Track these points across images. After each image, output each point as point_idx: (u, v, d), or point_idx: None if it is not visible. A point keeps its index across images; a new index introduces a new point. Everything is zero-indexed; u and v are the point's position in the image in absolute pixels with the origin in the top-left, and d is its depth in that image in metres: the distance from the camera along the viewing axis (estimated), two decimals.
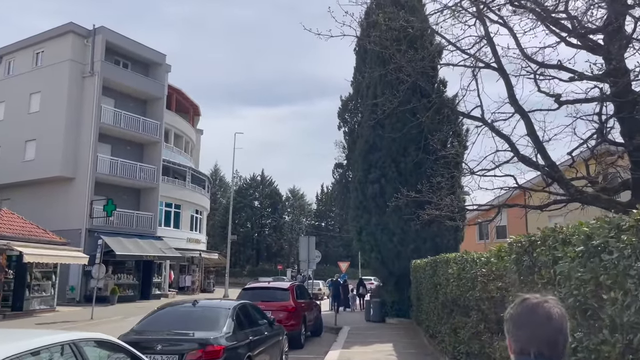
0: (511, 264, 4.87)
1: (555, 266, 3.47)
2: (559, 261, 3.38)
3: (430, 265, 10.64)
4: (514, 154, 13.23)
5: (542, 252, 3.80)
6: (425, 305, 12.02)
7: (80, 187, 31.93)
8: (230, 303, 8.75)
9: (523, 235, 4.56)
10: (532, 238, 4.23)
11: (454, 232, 18.76)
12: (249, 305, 9.43)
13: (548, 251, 3.64)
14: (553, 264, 3.55)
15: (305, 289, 15.92)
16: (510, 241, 4.87)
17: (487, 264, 6.19)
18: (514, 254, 4.68)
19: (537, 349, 1.62)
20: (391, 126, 19.03)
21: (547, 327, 1.64)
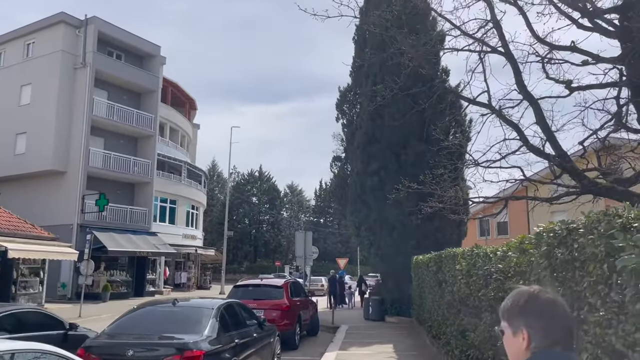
0: (539, 258, 4.04)
1: (611, 259, 2.63)
2: (617, 253, 2.55)
3: (435, 261, 9.83)
4: (522, 143, 12.40)
5: (589, 242, 2.96)
6: (428, 304, 11.22)
7: (72, 181, 31.09)
8: (214, 302, 7.93)
9: (556, 223, 3.73)
10: (572, 225, 3.40)
11: (457, 227, 17.95)
12: (236, 304, 8.61)
13: (599, 240, 2.81)
14: (607, 257, 2.72)
15: (301, 286, 15.12)
16: (538, 231, 4.04)
17: (504, 259, 5.36)
18: (545, 245, 3.86)
19: (565, 341, 1.60)
20: (391, 116, 18.20)
21: (569, 318, 1.65)
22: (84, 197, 30.67)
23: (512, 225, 39.08)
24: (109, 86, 34.18)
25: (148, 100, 36.29)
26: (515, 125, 12.30)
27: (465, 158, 16.40)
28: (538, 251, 4.12)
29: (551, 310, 1.62)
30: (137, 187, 35.50)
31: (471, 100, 12.62)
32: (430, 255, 10.76)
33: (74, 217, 30.44)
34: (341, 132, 24.31)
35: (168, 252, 34.48)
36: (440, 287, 9.36)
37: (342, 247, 69.76)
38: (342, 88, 24.32)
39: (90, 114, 31.43)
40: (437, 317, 9.95)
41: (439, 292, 9.57)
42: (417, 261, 13.55)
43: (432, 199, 13.24)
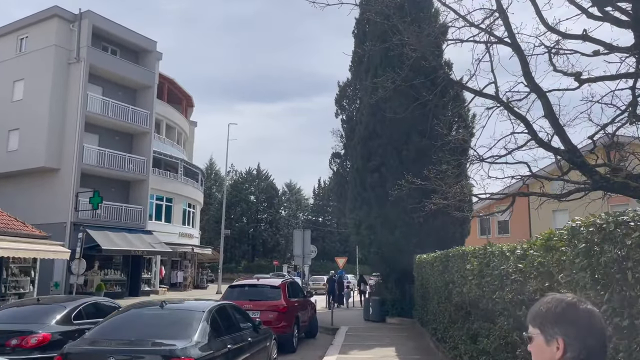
0: (574, 257, 3.49)
1: None
2: None
3: (440, 260, 9.27)
4: (531, 137, 11.85)
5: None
6: (433, 306, 10.67)
7: (65, 178, 30.48)
8: (205, 304, 7.37)
9: (598, 215, 3.18)
10: (622, 218, 2.85)
11: (460, 225, 17.41)
12: (230, 306, 8.04)
13: None
14: None
15: (299, 286, 14.56)
16: (574, 225, 3.48)
17: (524, 257, 4.81)
18: (583, 242, 3.31)
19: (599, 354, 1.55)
20: (392, 110, 17.64)
21: (605, 330, 1.59)
22: (77, 194, 30.07)
23: (513, 225, 38.57)
24: (104, 82, 33.58)
25: (144, 97, 35.68)
26: (523, 118, 11.75)
27: (469, 154, 15.87)
28: (572, 249, 3.56)
29: (589, 321, 1.56)
30: (133, 185, 34.90)
31: (477, 92, 12.07)
32: (435, 254, 10.21)
33: (67, 216, 29.85)
34: (340, 128, 23.80)
35: (164, 250, 33.89)
36: (446, 287, 8.81)
37: (341, 246, 69.23)
38: (342, 83, 23.79)
39: (84, 110, 30.82)
40: (443, 319, 9.40)
41: (445, 293, 9.02)
42: (421, 260, 13.00)
43: (435, 195, 12.69)
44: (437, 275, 9.56)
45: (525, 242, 4.91)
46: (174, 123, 44.02)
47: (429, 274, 11.05)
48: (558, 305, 1.60)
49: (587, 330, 1.55)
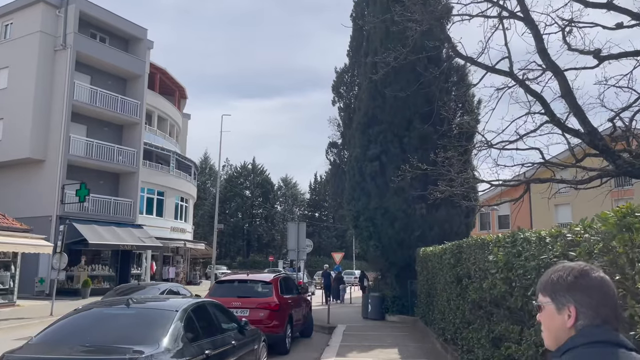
0: None
1: None
2: None
3: (452, 252, 8.19)
4: (547, 118, 10.79)
5: None
6: (441, 303, 9.61)
7: (51, 170, 29.29)
8: (180, 303, 6.26)
9: None
10: None
11: (465, 217, 16.36)
12: (210, 305, 6.94)
13: None
14: None
15: (294, 281, 13.47)
16: None
17: (578, 244, 3.73)
18: None
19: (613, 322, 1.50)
20: (394, 93, 16.55)
21: (616, 298, 1.55)
22: (63, 187, 28.88)
23: (513, 219, 37.62)
24: (92, 70, 32.36)
25: (134, 86, 34.47)
26: (539, 97, 10.69)
27: (476, 140, 14.79)
28: None
29: (602, 289, 1.51)
30: (122, 177, 33.72)
31: (490, 68, 10.98)
32: (445, 245, 9.13)
33: (53, 209, 28.66)
34: (338, 116, 22.69)
35: (154, 245, 32.75)
36: (459, 283, 7.74)
37: (338, 241, 68.24)
38: (339, 69, 22.67)
39: (70, 99, 29.59)
40: (454, 319, 8.33)
41: (457, 290, 7.95)
42: (425, 253, 11.93)
43: (442, 182, 11.62)
44: (448, 269, 8.48)
45: (580, 222, 3.83)
46: (166, 114, 42.79)
47: (436, 268, 9.97)
48: (570, 274, 1.55)
49: (600, 298, 1.50)
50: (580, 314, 1.50)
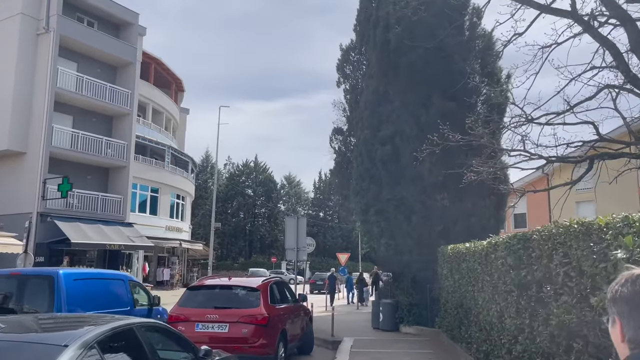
0: None
1: None
2: None
3: (510, 248, 5.68)
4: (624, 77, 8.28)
5: None
6: (485, 319, 7.09)
7: (32, 163, 26.95)
8: (81, 331, 3.77)
9: None
10: None
11: (495, 209, 13.82)
12: (142, 328, 4.40)
13: None
14: None
15: (288, 286, 10.97)
16: None
17: None
18: None
19: None
20: (409, 66, 14.05)
21: None
22: (45, 181, 26.51)
23: (530, 217, 34.97)
24: (79, 57, 30.00)
25: (124, 74, 32.09)
26: (610, 45, 8.19)
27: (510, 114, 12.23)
28: None
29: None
30: (112, 172, 31.33)
31: (545, 7, 8.44)
32: (495, 238, 6.61)
33: (33, 205, 26.31)
34: (343, 99, 20.19)
35: (145, 245, 30.32)
36: (525, 291, 5.23)
37: (343, 242, 65.70)
38: (344, 46, 20.17)
39: (53, 86, 27.23)
40: (512, 343, 5.80)
41: (519, 303, 5.43)
42: (456, 252, 9.40)
43: (478, 159, 9.11)
44: (502, 273, 5.97)
45: None
46: (161, 107, 40.49)
47: (477, 272, 7.46)
48: (618, 282, 1.40)
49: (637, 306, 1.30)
50: (624, 327, 1.33)
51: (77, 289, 8.35)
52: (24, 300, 8.58)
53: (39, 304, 8.42)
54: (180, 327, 8.49)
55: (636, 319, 1.30)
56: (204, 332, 8.34)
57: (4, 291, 8.45)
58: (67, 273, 8.81)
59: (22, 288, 8.70)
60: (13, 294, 8.47)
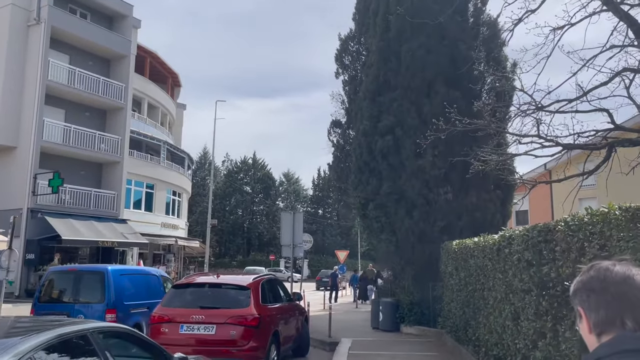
0: None
1: None
2: None
3: (528, 241, 5.01)
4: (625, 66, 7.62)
5: None
6: (496, 320, 6.42)
7: (23, 158, 26.30)
8: (15, 340, 3.10)
9: None
10: None
11: (501, 204, 13.15)
12: (98, 333, 3.71)
13: None
14: None
15: (282, 285, 10.29)
16: None
17: None
18: None
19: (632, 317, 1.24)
20: (410, 53, 13.38)
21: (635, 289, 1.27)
22: (36, 176, 25.86)
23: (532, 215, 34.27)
24: (71, 49, 29.31)
25: (118, 68, 31.39)
26: (633, 21, 7.52)
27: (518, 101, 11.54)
28: None
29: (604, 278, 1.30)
30: (105, 168, 30.66)
31: None
32: (508, 231, 5.93)
33: (24, 201, 25.64)
34: (341, 91, 19.51)
35: (139, 242, 29.64)
36: (546, 291, 4.56)
37: (342, 239, 65.02)
38: (343, 36, 19.48)
39: (44, 79, 26.54)
40: (529, 349, 5.13)
41: (543, 302, 4.76)
42: (462, 247, 8.73)
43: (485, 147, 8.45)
44: (519, 270, 5.30)
45: None
46: (157, 102, 39.76)
47: (487, 269, 6.79)
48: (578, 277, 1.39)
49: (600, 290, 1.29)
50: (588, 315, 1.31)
51: (122, 282, 9.48)
52: (80, 293, 10.04)
53: (92, 295, 9.91)
54: (163, 328, 7.84)
55: (594, 301, 1.29)
56: (189, 334, 7.68)
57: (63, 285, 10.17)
58: (114, 269, 10.28)
59: (77, 282, 10.13)
60: (71, 287, 10.07)
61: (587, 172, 8.66)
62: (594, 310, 1.29)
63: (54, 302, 9.93)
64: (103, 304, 9.38)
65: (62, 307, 9.64)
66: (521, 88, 10.65)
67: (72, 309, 9.58)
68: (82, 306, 9.66)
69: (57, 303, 9.86)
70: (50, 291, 10.17)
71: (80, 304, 9.73)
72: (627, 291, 1.26)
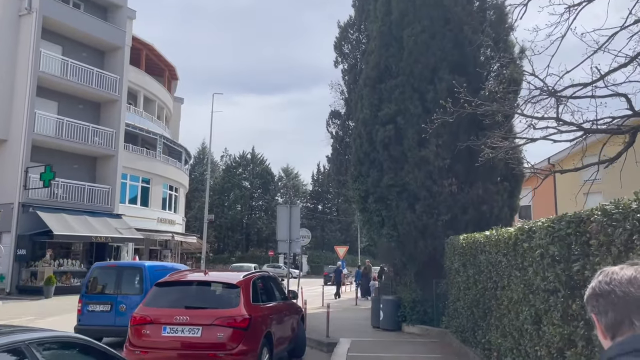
0: None
1: None
2: None
3: (550, 234, 4.33)
4: None
5: None
6: (511, 322, 5.76)
7: (14, 151, 25.63)
8: None
9: None
10: None
11: (508, 196, 12.48)
12: (37, 345, 3.00)
13: None
14: None
15: (277, 282, 9.62)
16: None
17: None
18: None
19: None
20: (413, 38, 12.68)
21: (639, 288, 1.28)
22: (27, 170, 25.19)
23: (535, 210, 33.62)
24: (64, 40, 28.59)
25: (113, 59, 30.67)
26: None
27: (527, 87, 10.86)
28: None
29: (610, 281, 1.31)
30: (100, 161, 29.98)
31: None
32: (529, 224, 5.26)
33: (15, 195, 24.98)
34: (341, 80, 18.82)
35: (133, 237, 28.99)
36: (577, 291, 3.89)
37: (342, 235, 64.43)
38: (343, 23, 18.77)
39: (36, 70, 25.84)
40: (569, 357, 4.45)
41: (573, 305, 4.08)
42: (471, 242, 8.04)
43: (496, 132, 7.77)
44: (540, 267, 4.63)
45: None
46: (153, 95, 39.03)
47: (502, 265, 6.12)
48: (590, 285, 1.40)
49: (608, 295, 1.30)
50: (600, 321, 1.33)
51: (157, 277, 9.82)
52: (121, 286, 11.23)
53: (132, 287, 11.16)
54: (144, 330, 7.19)
55: (603, 305, 1.30)
56: (172, 336, 7.02)
57: (106, 279, 11.56)
58: (150, 265, 11.74)
59: (119, 276, 11.40)
60: (113, 281, 11.33)
61: (604, 160, 7.97)
62: (604, 314, 1.31)
63: (99, 293, 11.30)
64: (141, 295, 10.19)
65: (107, 298, 11.10)
66: (532, 72, 9.96)
67: (115, 299, 10.98)
68: (123, 297, 10.96)
69: (102, 294, 11.21)
70: (96, 284, 11.54)
71: (122, 295, 11.00)
72: (633, 292, 1.27)
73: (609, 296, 1.29)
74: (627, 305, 1.26)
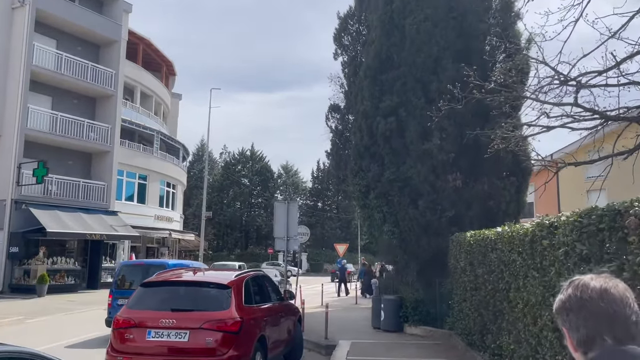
0: None
1: None
2: None
3: (578, 229, 3.80)
4: None
5: None
6: (521, 325, 5.24)
7: (7, 147, 25.05)
8: None
9: None
10: None
11: (516, 191, 11.95)
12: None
13: None
14: None
15: (271, 282, 9.10)
16: None
17: None
18: None
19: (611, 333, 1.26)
20: (415, 26, 12.13)
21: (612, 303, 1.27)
22: (20, 166, 24.65)
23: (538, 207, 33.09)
24: (58, 33, 28.02)
25: (108, 53, 30.10)
26: None
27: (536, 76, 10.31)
28: None
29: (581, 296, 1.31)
30: (95, 158, 29.44)
31: None
32: (549, 218, 4.72)
33: (7, 191, 24.45)
34: (340, 73, 18.26)
35: (129, 235, 28.46)
36: None
37: (342, 232, 63.91)
38: (342, 14, 18.20)
39: (29, 64, 25.28)
40: None
41: None
42: (479, 239, 7.52)
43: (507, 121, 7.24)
44: (564, 267, 4.10)
45: None
46: (150, 91, 38.49)
47: (516, 264, 5.59)
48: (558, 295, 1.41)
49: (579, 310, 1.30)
50: (571, 334, 1.34)
51: None
52: None
53: None
54: (128, 334, 6.67)
55: (574, 321, 1.29)
56: (158, 341, 6.50)
57: (133, 276, 12.51)
58: (173, 263, 12.99)
59: (145, 273, 11.78)
60: (140, 277, 11.78)
61: (621, 152, 7.44)
62: (575, 330, 1.31)
63: (128, 289, 11.99)
64: None
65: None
66: (543, 59, 9.41)
67: None
68: None
69: (131, 290, 11.45)
70: (124, 280, 12.51)
71: None
72: (604, 307, 1.26)
73: (580, 312, 1.28)
74: (599, 322, 1.26)
